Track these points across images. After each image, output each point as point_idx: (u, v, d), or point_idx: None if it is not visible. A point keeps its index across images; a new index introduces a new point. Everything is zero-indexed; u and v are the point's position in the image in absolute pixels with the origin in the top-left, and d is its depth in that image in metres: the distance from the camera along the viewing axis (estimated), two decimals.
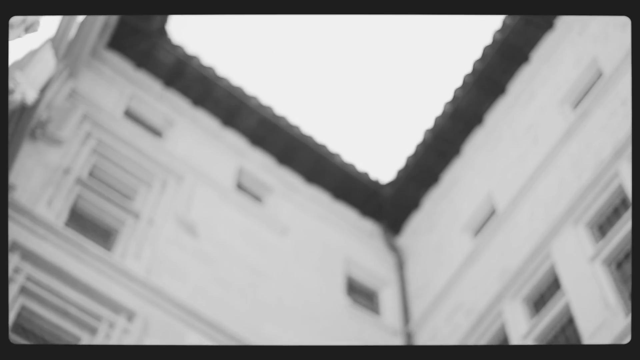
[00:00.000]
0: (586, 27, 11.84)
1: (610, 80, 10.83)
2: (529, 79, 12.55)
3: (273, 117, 13.20)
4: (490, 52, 12.66)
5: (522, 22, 12.42)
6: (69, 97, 11.34)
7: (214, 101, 13.06)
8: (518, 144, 12.27)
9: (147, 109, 12.72)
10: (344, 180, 13.70)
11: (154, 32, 12.55)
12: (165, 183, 11.58)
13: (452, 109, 13.06)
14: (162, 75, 12.87)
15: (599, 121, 10.78)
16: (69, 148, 10.82)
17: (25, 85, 7.91)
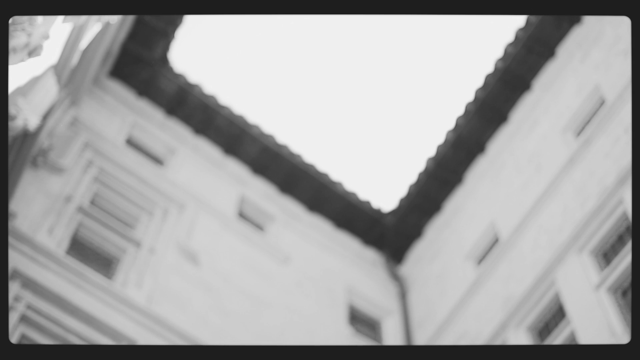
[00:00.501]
0: (588, 55, 11.85)
1: (613, 108, 10.80)
2: (531, 107, 12.54)
3: (275, 146, 13.18)
4: (492, 80, 12.66)
5: (524, 50, 12.44)
6: (70, 125, 11.32)
7: (216, 130, 13.04)
8: (521, 172, 12.23)
9: (149, 138, 12.70)
10: (346, 208, 13.65)
11: (156, 60, 12.56)
12: (167, 211, 11.52)
13: (454, 137, 13.04)
14: (164, 104, 12.87)
15: (602, 148, 10.74)
16: (71, 176, 10.77)
17: (28, 112, 7.88)
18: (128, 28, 12.06)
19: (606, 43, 11.57)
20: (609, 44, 11.49)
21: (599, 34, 11.79)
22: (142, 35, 12.34)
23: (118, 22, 11.35)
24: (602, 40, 11.69)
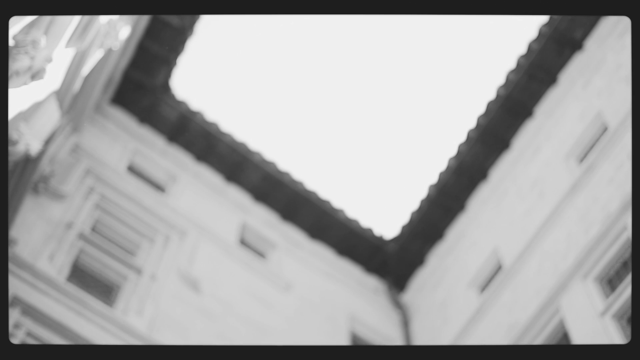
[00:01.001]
0: (590, 81, 11.85)
1: (616, 134, 10.78)
2: (534, 134, 12.52)
3: (277, 173, 13.15)
4: (494, 107, 12.65)
5: (525, 77, 12.44)
6: (72, 151, 11.30)
7: (218, 157, 13.02)
8: (524, 198, 12.18)
9: (150, 164, 12.67)
10: (348, 236, 13.59)
11: (158, 87, 12.56)
12: (168, 238, 11.46)
13: (456, 164, 13.01)
14: (166, 131, 12.85)
15: (606, 175, 10.70)
16: (72, 203, 10.73)
17: (30, 137, 7.84)
18: (130, 55, 12.07)
19: (608, 70, 11.58)
20: (611, 70, 11.49)
21: (600, 61, 11.80)
22: (144, 62, 12.35)
23: (120, 48, 11.36)
24: (603, 67, 11.69)
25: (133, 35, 11.65)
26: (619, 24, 11.66)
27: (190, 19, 12.02)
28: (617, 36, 11.66)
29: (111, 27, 9.54)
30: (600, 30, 11.91)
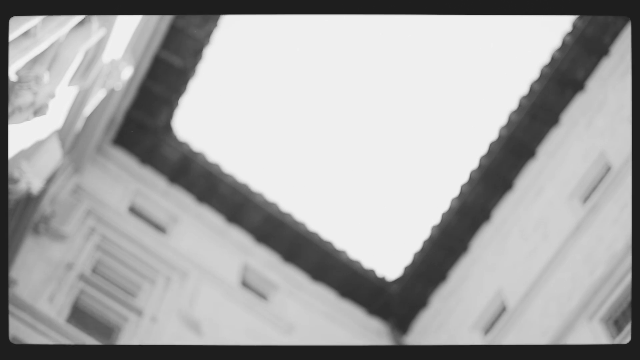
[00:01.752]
0: (592, 121, 11.85)
1: (619, 174, 10.74)
2: (536, 175, 12.48)
3: (279, 214, 13.09)
4: (496, 147, 12.63)
5: (527, 117, 12.44)
6: (73, 192, 11.25)
7: (219, 198, 12.97)
8: (527, 239, 12.10)
9: (152, 205, 12.62)
10: (350, 277, 13.49)
11: (160, 128, 12.55)
12: (169, 280, 11.36)
13: (458, 204, 12.95)
14: (167, 172, 12.82)
15: (610, 215, 10.64)
16: (72, 243, 10.65)
17: (31, 175, 7.79)
18: (132, 96, 12.08)
19: (610, 110, 11.58)
20: (613, 110, 11.49)
21: (602, 101, 11.81)
22: (145, 103, 12.35)
23: (122, 89, 11.37)
24: (605, 107, 11.70)
25: (135, 75, 11.66)
26: (621, 64, 11.69)
27: (193, 60, 12.05)
28: (618, 76, 11.68)
29: (114, 67, 9.55)
30: (602, 70, 11.94)
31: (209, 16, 11.67)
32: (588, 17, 11.68)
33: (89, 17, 7.18)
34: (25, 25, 5.57)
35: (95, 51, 7.99)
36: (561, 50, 12.02)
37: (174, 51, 12.01)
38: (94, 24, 7.22)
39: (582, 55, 12.01)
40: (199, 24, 11.82)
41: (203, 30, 11.86)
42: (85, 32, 7.07)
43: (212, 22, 11.80)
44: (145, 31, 10.98)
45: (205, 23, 11.82)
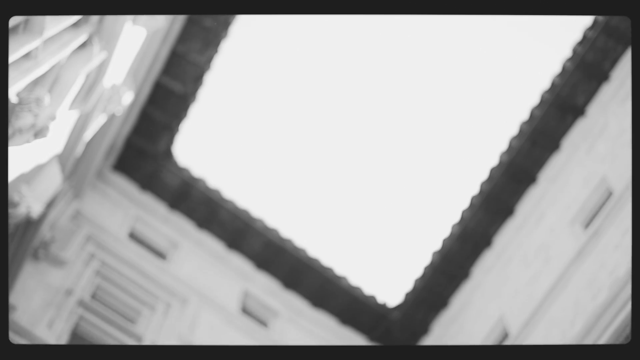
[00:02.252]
0: (593, 147, 11.83)
1: (621, 199, 10.70)
2: (538, 200, 12.44)
3: (279, 240, 13.04)
4: (497, 173, 12.60)
5: (528, 143, 12.42)
6: (73, 218, 11.24)
7: (220, 224, 12.93)
8: (529, 265, 12.04)
9: (152, 231, 12.58)
10: (351, 304, 13.40)
11: (160, 154, 12.54)
12: (169, 306, 11.30)
13: (459, 230, 12.90)
14: (167, 198, 12.79)
15: (612, 240, 10.59)
16: (72, 269, 10.61)
17: (31, 199, 7.77)
18: (132, 121, 12.08)
19: (611, 135, 11.56)
20: (614, 136, 11.48)
21: (603, 126, 11.80)
22: (146, 129, 12.35)
23: (123, 115, 11.38)
24: (606, 132, 11.69)
25: (136, 101, 11.68)
26: (621, 89, 11.69)
27: (193, 86, 12.06)
28: (619, 102, 11.68)
29: (114, 92, 9.56)
30: (602, 96, 11.94)
31: (210, 41, 11.70)
32: (588, 43, 11.71)
33: (90, 39, 7.19)
34: (26, 46, 5.57)
35: (96, 75, 7.99)
36: (561, 76, 12.03)
37: (174, 77, 12.03)
38: (95, 46, 7.22)
39: (583, 81, 12.02)
40: (199, 49, 11.85)
41: (204, 56, 11.88)
42: (87, 55, 7.08)
43: (213, 47, 11.82)
44: (146, 57, 11.00)
45: (206, 49, 11.85)
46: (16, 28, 5.56)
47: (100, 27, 7.29)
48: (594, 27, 11.72)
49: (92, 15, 7.08)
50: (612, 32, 11.67)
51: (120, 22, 7.41)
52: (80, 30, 6.85)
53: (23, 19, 5.54)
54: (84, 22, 7.02)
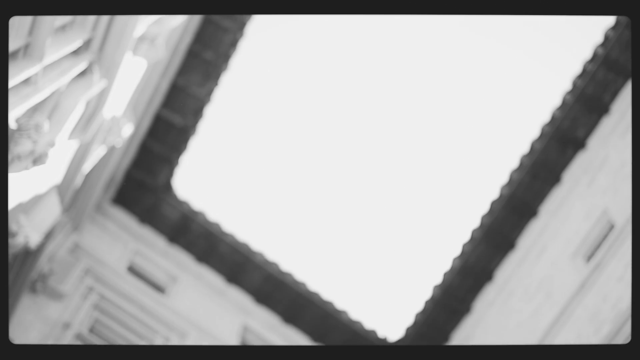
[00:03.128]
0: (594, 179, 11.79)
1: (623, 232, 10.64)
2: (539, 234, 12.37)
3: (279, 274, 12.95)
4: (498, 206, 12.55)
5: (528, 176, 12.38)
6: (71, 251, 11.17)
7: (219, 257, 12.85)
8: (531, 299, 11.94)
9: (151, 265, 12.50)
10: (352, 338, 13.27)
11: (160, 187, 12.50)
12: (168, 340, 11.18)
13: (460, 264, 12.82)
14: (167, 231, 12.72)
15: (615, 273, 10.50)
16: (70, 302, 10.52)
17: (29, 229, 7.70)
18: (132, 154, 12.06)
19: (612, 168, 11.53)
20: (615, 168, 11.44)
21: (604, 159, 11.77)
22: (146, 162, 12.32)
23: (122, 147, 11.35)
24: (607, 165, 11.65)
25: (136, 133, 11.66)
26: (621, 122, 11.68)
27: (193, 119, 12.06)
28: (619, 134, 11.67)
29: (114, 124, 9.54)
30: (603, 129, 11.93)
31: (210, 74, 11.72)
32: (588, 75, 11.72)
33: (90, 67, 7.18)
34: (26, 72, 5.55)
35: (96, 104, 7.98)
36: (561, 109, 12.03)
37: (174, 109, 12.03)
38: (95, 74, 7.21)
39: (583, 114, 12.01)
40: (199, 82, 11.86)
41: (204, 88, 11.89)
42: (87, 82, 7.07)
43: (213, 80, 11.84)
44: (146, 89, 11.01)
45: (206, 81, 11.86)
46: (16, 53, 5.55)
47: (101, 55, 7.29)
48: (593, 60, 11.73)
49: (92, 43, 7.08)
50: (612, 65, 11.68)
51: (121, 51, 7.41)
52: (81, 58, 6.85)
53: (23, 44, 5.53)
54: (84, 50, 7.02)
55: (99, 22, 7.04)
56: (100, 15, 6.96)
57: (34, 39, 5.65)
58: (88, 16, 6.74)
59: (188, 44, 11.63)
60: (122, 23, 7.24)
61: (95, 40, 7.14)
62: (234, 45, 11.74)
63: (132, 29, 7.37)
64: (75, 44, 6.58)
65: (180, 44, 11.45)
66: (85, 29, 6.83)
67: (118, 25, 7.26)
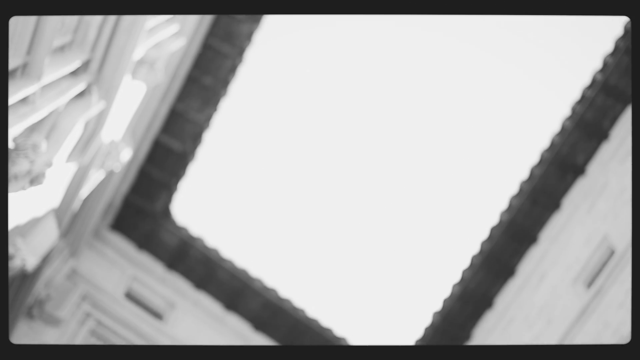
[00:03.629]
0: (594, 205, 11.75)
1: (624, 258, 10.59)
2: (539, 260, 12.31)
3: (277, 300, 12.86)
4: (497, 232, 12.49)
5: (528, 202, 12.34)
6: (69, 276, 11.10)
7: (218, 283, 12.77)
8: (531, 326, 11.85)
9: (149, 291, 12.42)
10: None
11: (158, 213, 12.45)
12: None
13: (460, 290, 12.74)
14: (165, 257, 12.65)
15: (616, 299, 10.44)
16: (67, 328, 10.44)
17: (26, 252, 7.65)
18: (130, 180, 12.02)
19: (612, 193, 11.49)
20: (615, 194, 11.41)
21: (603, 185, 11.74)
22: (144, 187, 12.29)
23: (121, 172, 11.32)
24: (607, 191, 11.62)
25: (134, 159, 11.64)
26: (621, 147, 11.67)
27: (192, 144, 12.04)
28: (619, 160, 11.65)
29: (113, 148, 9.51)
30: (602, 154, 11.91)
31: (209, 100, 11.73)
32: (587, 101, 11.72)
33: (89, 88, 7.16)
34: (24, 90, 5.53)
35: (94, 126, 7.95)
36: (561, 135, 12.02)
37: (173, 135, 12.02)
38: (93, 96, 7.20)
39: (582, 140, 12.00)
40: (198, 108, 11.86)
41: (203, 114, 11.88)
42: (85, 103, 7.05)
43: (212, 106, 11.83)
44: (145, 114, 11.00)
45: (205, 107, 11.86)
46: (14, 72, 5.53)
47: (99, 76, 7.28)
48: (592, 86, 11.74)
49: (91, 65, 7.07)
50: (610, 91, 11.69)
51: (120, 73, 7.40)
52: (79, 79, 6.83)
53: (21, 63, 5.52)
54: (82, 71, 7.01)
55: (98, 44, 7.04)
56: (99, 37, 6.96)
57: (32, 58, 5.64)
58: (87, 37, 6.74)
59: (187, 69, 11.65)
60: (121, 44, 7.24)
61: (94, 62, 7.13)
62: (233, 70, 11.76)
63: (131, 51, 7.37)
64: (73, 64, 6.57)
65: (180, 69, 11.47)
66: (84, 50, 6.82)
67: (117, 46, 7.26)
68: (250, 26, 11.43)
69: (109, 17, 6.93)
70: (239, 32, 11.48)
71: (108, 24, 7.00)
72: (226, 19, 11.48)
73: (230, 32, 11.50)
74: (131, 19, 7.11)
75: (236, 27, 11.49)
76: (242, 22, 11.48)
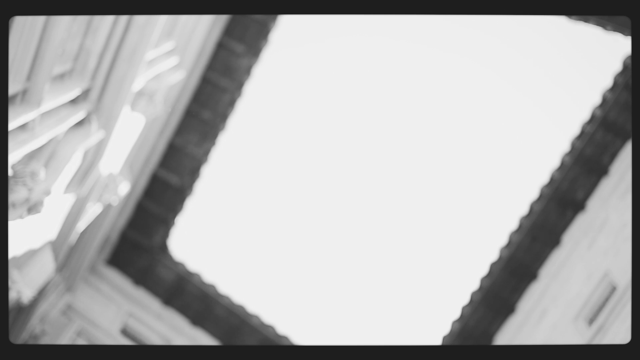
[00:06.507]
0: (595, 241, 11.66)
1: (625, 294, 10.49)
2: (539, 297, 12.19)
3: (275, 337, 12.69)
4: (497, 268, 12.39)
5: (528, 238, 12.26)
6: (64, 312, 10.94)
7: (214, 320, 12.60)
8: None
9: (145, 328, 12.24)
10: None
11: (155, 248, 12.33)
12: None
13: (459, 327, 12.60)
14: (161, 293, 12.50)
15: (618, 335, 10.31)
16: None
17: (22, 285, 7.53)
18: (128, 214, 11.92)
19: (612, 229, 11.42)
20: (616, 230, 11.34)
21: (604, 221, 11.67)
22: (141, 222, 12.18)
23: (118, 206, 11.23)
24: (607, 227, 11.54)
25: (132, 193, 11.55)
26: (621, 183, 11.62)
27: (190, 179, 11.96)
28: (619, 196, 11.59)
29: (111, 181, 9.43)
30: (602, 190, 11.86)
31: (207, 134, 11.67)
32: (587, 137, 11.70)
33: (88, 117, 7.10)
34: (23, 117, 5.46)
35: (93, 156, 7.88)
36: (560, 170, 11.97)
37: (171, 169, 11.94)
38: (93, 124, 7.13)
39: (582, 175, 11.95)
40: (197, 142, 11.80)
41: (201, 148, 11.82)
42: (84, 132, 6.98)
43: (210, 140, 11.77)
44: (143, 148, 10.93)
45: (203, 141, 11.80)
46: (14, 98, 5.47)
47: (99, 105, 7.22)
48: (592, 122, 11.73)
49: (91, 93, 7.02)
50: (610, 127, 11.68)
51: (119, 103, 7.34)
52: (79, 107, 6.77)
53: (21, 89, 5.46)
54: (82, 99, 6.95)
55: (98, 72, 6.99)
56: (99, 65, 6.91)
57: (32, 84, 5.58)
58: (87, 65, 6.69)
59: (186, 102, 11.61)
60: (122, 74, 7.19)
61: (94, 90, 7.08)
62: (232, 105, 11.72)
63: (131, 81, 7.32)
64: (73, 92, 6.52)
65: (179, 102, 11.43)
66: (83, 79, 6.78)
67: (117, 76, 7.22)
68: (250, 60, 11.42)
69: (109, 46, 6.90)
70: (238, 66, 11.46)
71: (108, 52, 6.96)
72: (225, 52, 11.48)
73: (230, 66, 11.49)
74: (131, 49, 7.07)
75: (235, 61, 11.48)
76: (241, 56, 11.48)
